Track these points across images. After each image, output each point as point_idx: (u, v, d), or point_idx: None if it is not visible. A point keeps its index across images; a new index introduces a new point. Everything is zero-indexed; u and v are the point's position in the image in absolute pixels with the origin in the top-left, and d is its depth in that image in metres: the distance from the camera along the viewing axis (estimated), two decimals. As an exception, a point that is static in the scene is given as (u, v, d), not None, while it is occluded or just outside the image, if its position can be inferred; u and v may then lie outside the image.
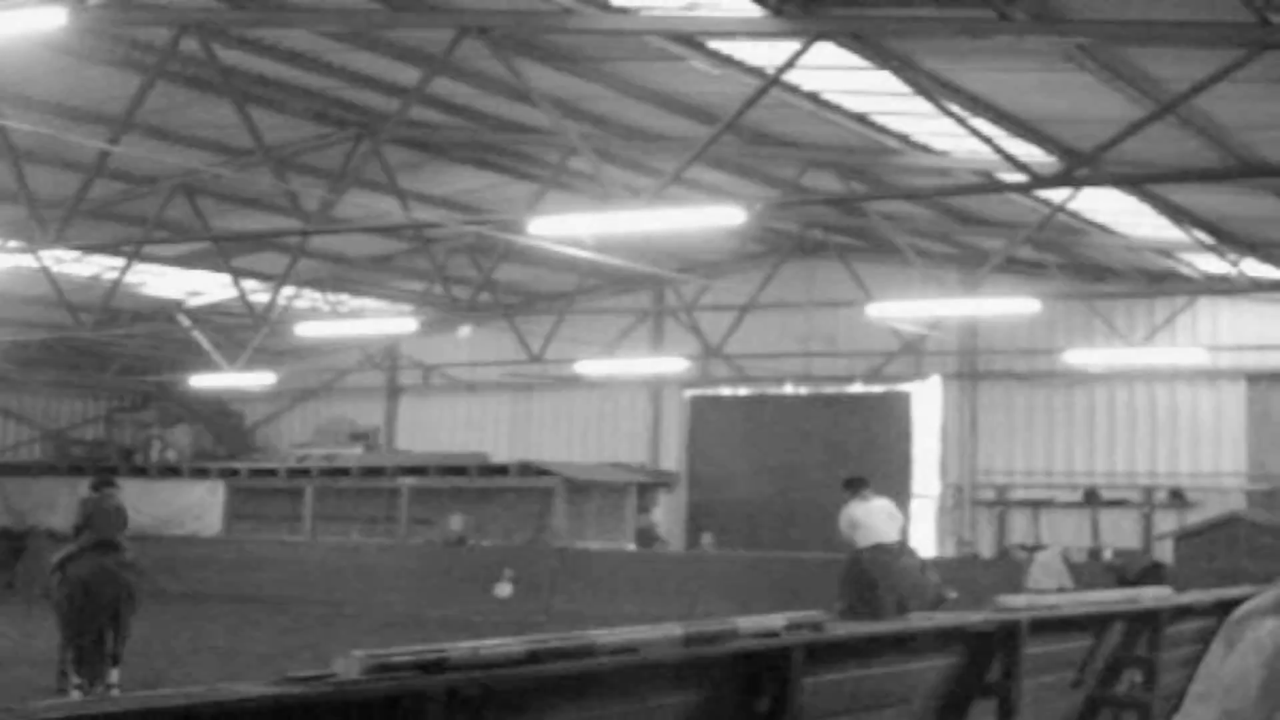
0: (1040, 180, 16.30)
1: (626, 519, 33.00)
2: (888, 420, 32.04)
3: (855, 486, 17.59)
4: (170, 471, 36.11)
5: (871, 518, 17.12)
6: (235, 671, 14.03)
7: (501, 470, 32.39)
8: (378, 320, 30.95)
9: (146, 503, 29.50)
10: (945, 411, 31.52)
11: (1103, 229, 25.10)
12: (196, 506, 35.02)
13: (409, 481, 33.02)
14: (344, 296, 33.23)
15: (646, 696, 5.42)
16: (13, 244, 22.61)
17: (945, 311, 26.35)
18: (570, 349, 30.79)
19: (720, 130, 15.93)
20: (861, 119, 19.57)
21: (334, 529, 33.79)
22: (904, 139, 20.42)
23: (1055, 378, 29.92)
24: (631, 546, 32.17)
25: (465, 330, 34.57)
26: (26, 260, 23.54)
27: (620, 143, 22.00)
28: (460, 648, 4.49)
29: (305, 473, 34.62)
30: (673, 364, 30.99)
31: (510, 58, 16.53)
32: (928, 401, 31.71)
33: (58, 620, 14.76)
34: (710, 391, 33.91)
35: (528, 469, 31.78)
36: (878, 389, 32.08)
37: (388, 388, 37.85)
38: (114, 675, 14.48)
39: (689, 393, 34.00)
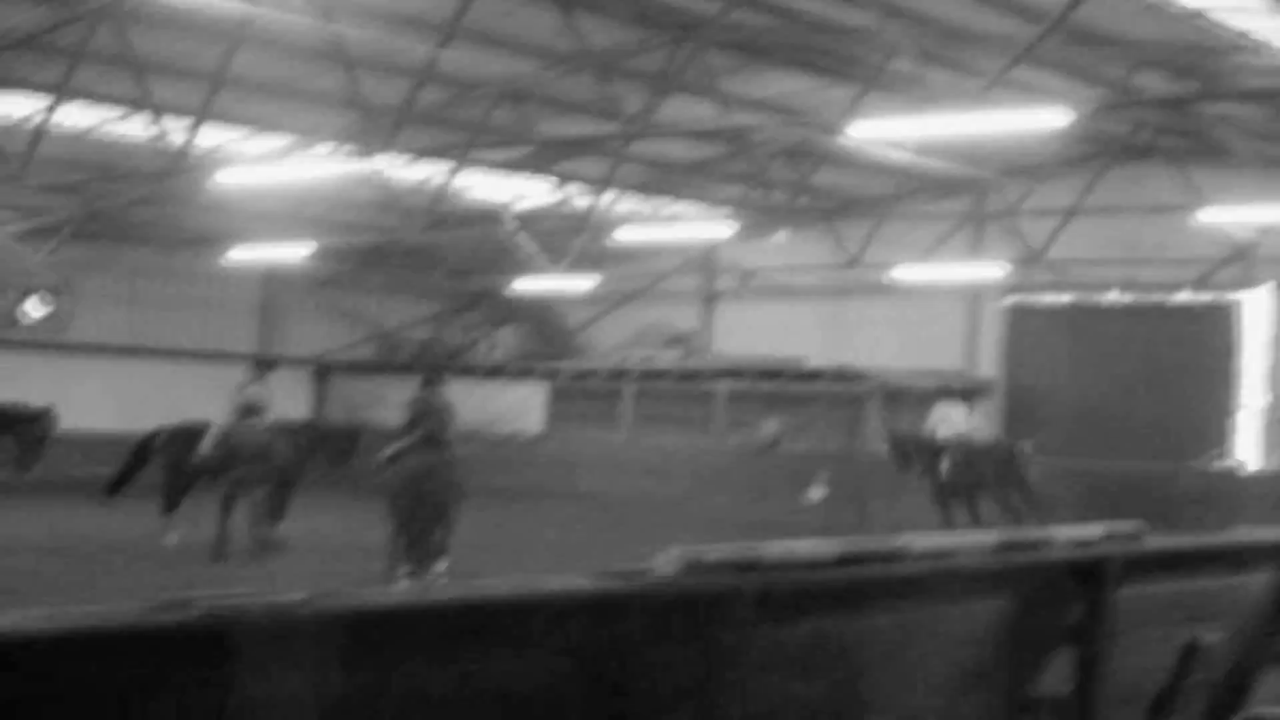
0: (1387, 79, 15.52)
1: (942, 425, 32.74)
2: (1215, 329, 30.95)
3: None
4: (495, 372, 37.12)
5: (949, 418, 23.49)
6: (556, 565, 14.40)
7: (817, 375, 32.44)
8: (695, 225, 31.16)
9: (472, 402, 30.32)
10: (1277, 321, 30.33)
11: None
12: (519, 406, 35.96)
13: (725, 385, 33.34)
14: (663, 201, 33.51)
15: (958, 602, 5.41)
16: (347, 149, 23.38)
17: (1281, 217, 25.32)
18: (887, 254, 30.56)
19: (1046, 29, 15.57)
20: (1197, 15, 18.87)
21: (651, 430, 34.37)
22: (1242, 35, 19.63)
23: (1400, 287, 28.53)
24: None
25: (782, 235, 34.54)
26: (360, 165, 24.35)
27: (942, 43, 21.61)
28: (774, 548, 4.55)
29: (624, 375, 35.23)
30: (992, 270, 30.39)
31: (831, -41, 16.41)
32: (1258, 310, 30.54)
33: (388, 512, 15.40)
34: (1029, 299, 33.23)
35: (843, 374, 31.76)
36: (1205, 297, 31.02)
37: (705, 292, 38.10)
38: (441, 565, 15.05)
39: (1008, 299, 33.37)
